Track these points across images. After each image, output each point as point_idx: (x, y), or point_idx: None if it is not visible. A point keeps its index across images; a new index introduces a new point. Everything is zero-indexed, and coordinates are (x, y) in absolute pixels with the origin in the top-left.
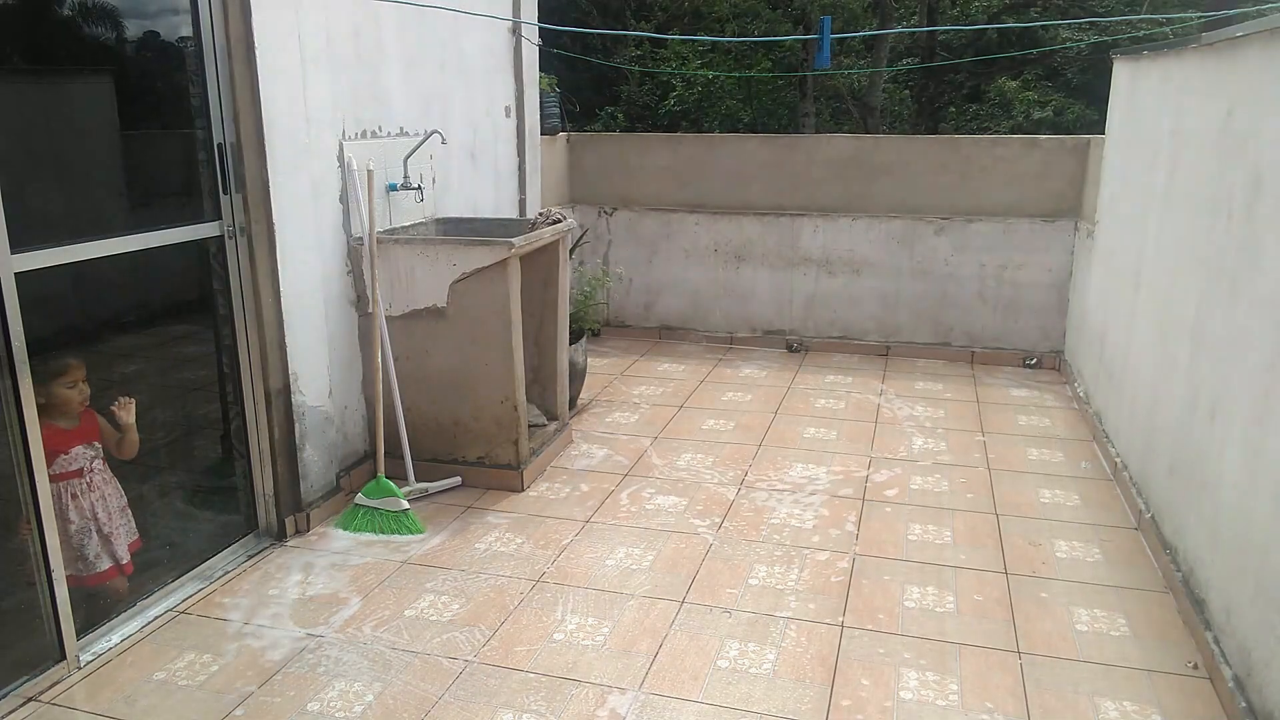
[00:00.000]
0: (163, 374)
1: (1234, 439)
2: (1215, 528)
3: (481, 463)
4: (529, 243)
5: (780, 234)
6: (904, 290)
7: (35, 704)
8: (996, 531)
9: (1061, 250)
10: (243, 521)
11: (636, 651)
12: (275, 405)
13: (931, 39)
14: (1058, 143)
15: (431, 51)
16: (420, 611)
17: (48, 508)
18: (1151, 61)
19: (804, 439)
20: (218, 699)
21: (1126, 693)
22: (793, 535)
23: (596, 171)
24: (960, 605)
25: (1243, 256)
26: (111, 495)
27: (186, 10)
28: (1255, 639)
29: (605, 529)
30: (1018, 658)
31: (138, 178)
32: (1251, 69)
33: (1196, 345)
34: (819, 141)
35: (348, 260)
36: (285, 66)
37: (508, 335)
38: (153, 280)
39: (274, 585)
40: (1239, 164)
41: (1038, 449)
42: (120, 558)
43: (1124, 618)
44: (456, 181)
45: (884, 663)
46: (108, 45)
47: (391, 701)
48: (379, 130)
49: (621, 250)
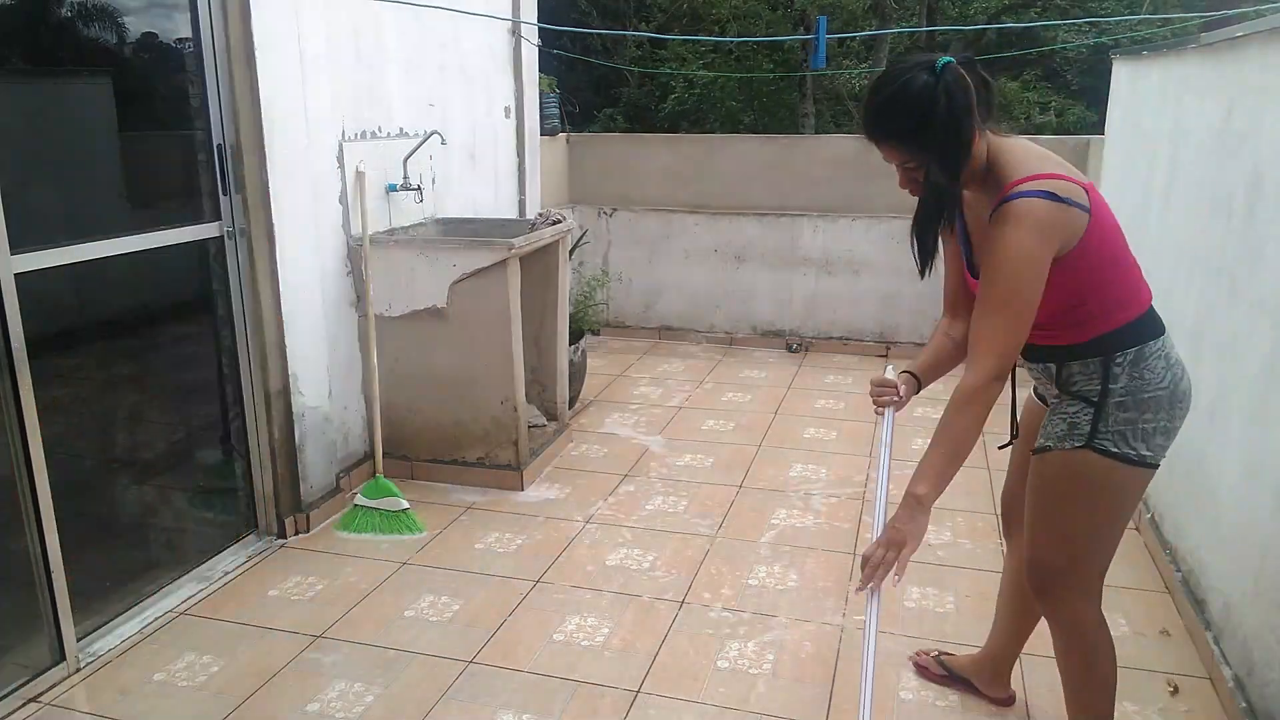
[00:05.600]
0: (162, 375)
1: (1234, 439)
2: (1215, 527)
3: (481, 463)
4: (529, 243)
5: (780, 234)
6: (904, 290)
7: (35, 704)
8: (997, 531)
9: None
10: (242, 522)
11: (636, 651)
12: (275, 406)
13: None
14: (1057, 143)
15: (431, 52)
16: (420, 612)
17: (48, 508)
18: (1151, 61)
19: (804, 439)
20: (218, 700)
21: (1127, 693)
22: (793, 535)
23: (596, 172)
24: (960, 605)
25: (1243, 256)
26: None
27: (186, 11)
28: (1255, 639)
29: (605, 529)
30: (1017, 658)
31: (137, 179)
32: (1251, 69)
33: (1196, 345)
34: (819, 142)
35: (347, 261)
36: (285, 67)
37: (507, 336)
38: (152, 281)
39: (274, 586)
40: (1239, 164)
41: None
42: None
43: (1124, 618)
44: (456, 182)
45: (884, 663)
46: (107, 46)
47: (391, 702)
48: (379, 131)
49: (621, 251)
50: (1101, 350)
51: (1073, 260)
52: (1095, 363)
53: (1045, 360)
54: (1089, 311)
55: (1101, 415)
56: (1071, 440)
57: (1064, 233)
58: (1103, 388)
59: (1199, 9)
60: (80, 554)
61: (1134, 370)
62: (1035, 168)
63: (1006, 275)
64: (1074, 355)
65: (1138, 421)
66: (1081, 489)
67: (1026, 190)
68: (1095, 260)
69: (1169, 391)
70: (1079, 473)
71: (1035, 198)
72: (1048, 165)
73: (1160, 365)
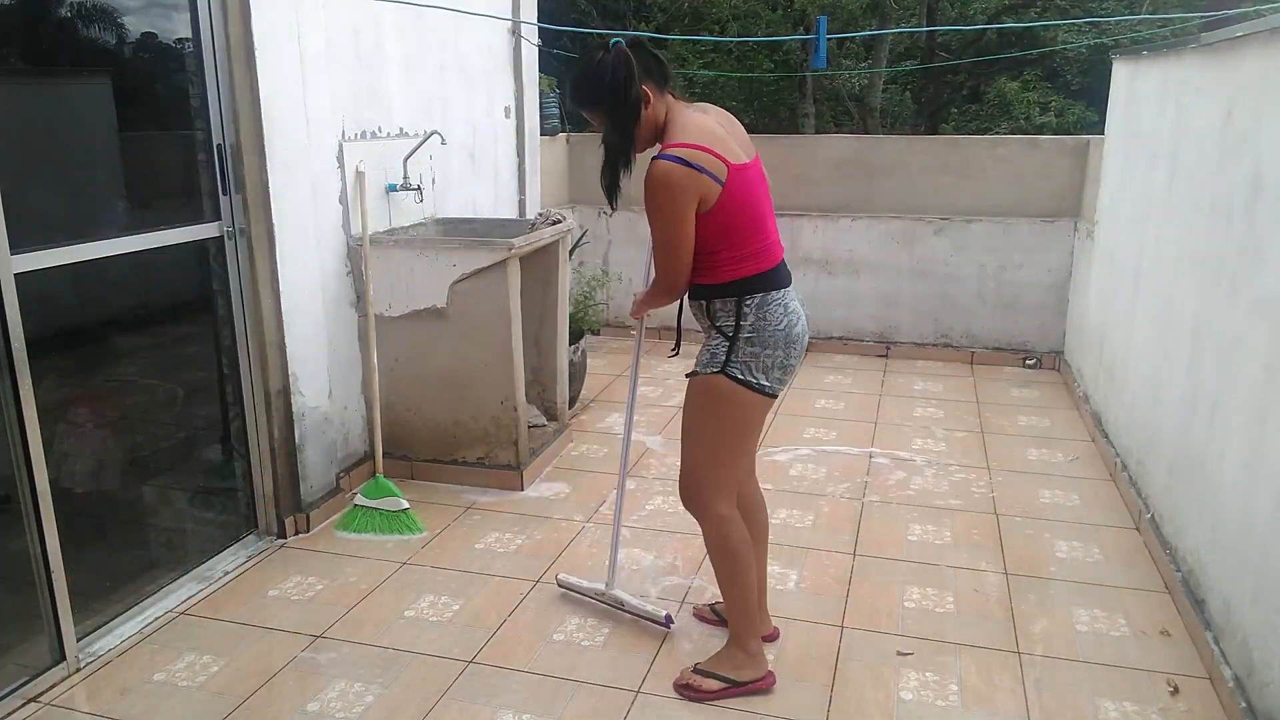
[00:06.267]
0: (162, 375)
1: (1234, 439)
2: (1215, 527)
3: (481, 463)
4: (529, 243)
5: (780, 234)
6: (904, 290)
7: (35, 704)
8: (996, 531)
9: (1061, 250)
10: (242, 522)
11: (637, 651)
12: (275, 406)
13: (931, 40)
14: (1057, 143)
15: (431, 52)
16: (420, 611)
17: (48, 508)
18: (1151, 61)
19: (804, 439)
20: (218, 700)
21: (1127, 693)
22: (793, 535)
23: (596, 172)
24: (960, 605)
25: (1243, 256)
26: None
27: (186, 11)
28: (1255, 639)
29: (605, 529)
30: (1017, 658)
31: (137, 179)
32: (1251, 69)
33: (1196, 345)
34: (819, 142)
35: (347, 261)
36: (285, 67)
37: (507, 336)
38: (152, 281)
39: (274, 586)
40: (1239, 164)
41: (1037, 449)
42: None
43: (1124, 618)
44: (456, 182)
45: (884, 663)
46: (107, 46)
47: (391, 702)
48: (379, 131)
49: (621, 251)
50: (735, 292)
51: (709, 217)
52: (732, 302)
53: (698, 297)
54: (726, 258)
55: (734, 347)
56: (712, 367)
57: (692, 192)
58: (735, 324)
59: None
60: (80, 554)
61: (760, 312)
62: (685, 137)
63: (653, 218)
64: (717, 293)
65: (760, 355)
66: (715, 406)
67: (664, 154)
68: (729, 220)
69: (785, 333)
70: (715, 393)
71: (668, 160)
72: (699, 138)
73: (779, 312)
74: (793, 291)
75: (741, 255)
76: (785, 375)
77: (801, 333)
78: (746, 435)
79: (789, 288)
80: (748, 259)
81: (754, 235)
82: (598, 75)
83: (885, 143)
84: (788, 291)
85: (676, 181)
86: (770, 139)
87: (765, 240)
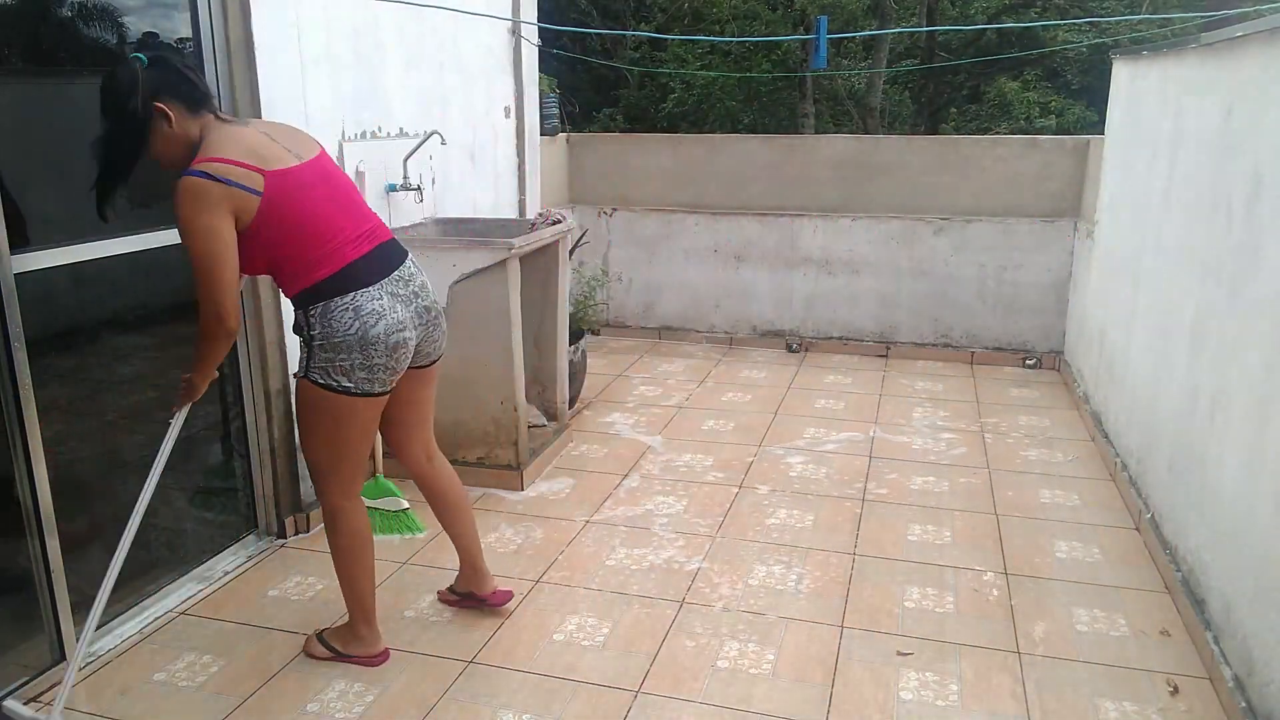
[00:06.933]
0: (162, 375)
1: (1234, 439)
2: (1215, 527)
3: (481, 463)
4: (529, 243)
5: (780, 234)
6: (904, 290)
7: (35, 704)
8: (996, 531)
9: (1061, 250)
10: (242, 522)
11: (636, 652)
12: (275, 406)
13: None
14: (1057, 143)
15: (431, 52)
16: (420, 611)
17: (48, 508)
18: (1151, 61)
19: (804, 439)
20: (218, 700)
21: (1127, 693)
22: (793, 535)
23: (596, 172)
24: (959, 605)
25: (1242, 256)
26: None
27: (186, 11)
28: (1255, 639)
29: (605, 529)
30: (1017, 658)
31: (137, 178)
32: (1251, 69)
33: (1196, 345)
34: (819, 142)
35: None
36: (285, 67)
37: (507, 336)
38: (152, 281)
39: (274, 586)
40: (1238, 164)
41: (1037, 449)
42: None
43: (1124, 618)
44: (456, 182)
45: (884, 665)
46: (107, 46)
47: (391, 702)
48: (379, 131)
49: (621, 251)
50: (304, 302)
51: (256, 229)
52: (301, 313)
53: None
54: (293, 270)
55: (310, 354)
56: (300, 372)
57: (219, 206)
58: (306, 333)
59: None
60: (80, 554)
61: (324, 320)
62: (212, 153)
63: (183, 238)
64: (296, 304)
65: (335, 360)
66: (308, 410)
67: (189, 169)
68: (281, 228)
69: (358, 337)
70: (303, 397)
71: (191, 176)
72: (226, 151)
73: (348, 317)
74: (382, 287)
75: (306, 262)
76: (376, 374)
77: (380, 334)
78: (352, 432)
79: (371, 286)
80: (312, 266)
81: (316, 241)
82: (107, 88)
83: (885, 143)
84: (365, 291)
85: (200, 196)
86: (770, 139)
87: (333, 243)
